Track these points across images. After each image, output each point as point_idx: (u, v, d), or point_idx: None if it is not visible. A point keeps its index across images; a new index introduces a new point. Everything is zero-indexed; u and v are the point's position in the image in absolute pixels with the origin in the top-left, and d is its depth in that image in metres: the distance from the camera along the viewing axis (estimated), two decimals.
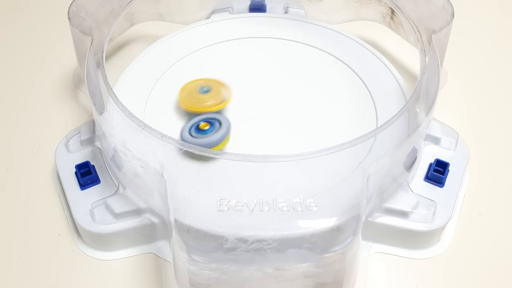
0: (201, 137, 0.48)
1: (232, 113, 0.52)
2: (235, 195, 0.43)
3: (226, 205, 0.42)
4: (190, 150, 0.43)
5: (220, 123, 0.49)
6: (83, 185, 0.49)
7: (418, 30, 0.51)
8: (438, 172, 0.49)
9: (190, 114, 0.51)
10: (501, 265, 0.48)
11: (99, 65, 0.49)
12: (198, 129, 0.49)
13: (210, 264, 0.41)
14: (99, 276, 0.47)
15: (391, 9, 0.57)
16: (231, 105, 0.53)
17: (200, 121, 0.49)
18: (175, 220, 0.42)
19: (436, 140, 0.51)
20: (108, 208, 0.47)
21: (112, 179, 0.49)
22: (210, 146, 0.48)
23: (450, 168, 0.49)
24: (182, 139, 0.49)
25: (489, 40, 0.64)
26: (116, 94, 0.46)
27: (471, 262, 0.48)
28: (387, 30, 0.59)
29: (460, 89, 0.59)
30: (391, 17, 0.58)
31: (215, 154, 0.43)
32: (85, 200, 0.48)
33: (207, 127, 0.49)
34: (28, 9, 0.68)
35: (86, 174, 0.49)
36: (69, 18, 0.52)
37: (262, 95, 0.53)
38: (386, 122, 0.44)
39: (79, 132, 0.52)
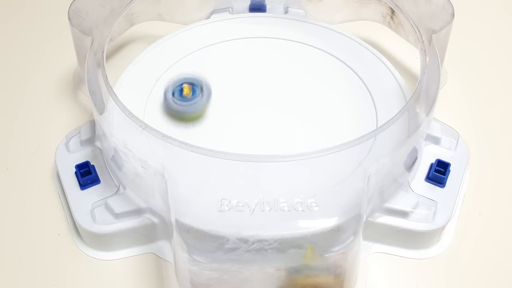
0: (185, 104, 0.50)
1: (232, 113, 0.52)
2: (236, 195, 0.43)
3: (227, 205, 0.42)
4: (191, 150, 0.43)
5: (201, 89, 0.51)
6: (83, 185, 0.49)
7: (419, 30, 0.51)
8: (439, 173, 0.49)
9: None
10: (501, 265, 0.48)
11: (99, 65, 0.49)
12: (181, 95, 0.50)
13: (211, 264, 0.41)
14: (99, 276, 0.47)
15: (391, 9, 0.57)
16: (231, 105, 0.53)
17: (182, 84, 0.51)
18: (176, 220, 0.42)
19: (436, 140, 0.51)
20: (108, 208, 0.47)
21: (113, 179, 0.49)
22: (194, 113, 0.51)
23: (450, 168, 0.49)
24: (167, 104, 0.51)
25: (490, 40, 0.64)
26: (117, 94, 0.46)
27: (471, 262, 0.48)
28: (387, 30, 0.59)
29: (460, 89, 0.59)
30: (391, 17, 0.58)
31: (216, 155, 0.43)
32: (85, 200, 0.48)
33: (190, 94, 0.50)
34: (28, 9, 0.67)
35: (86, 174, 0.49)
36: (69, 18, 0.52)
37: (262, 95, 0.53)
38: (386, 122, 0.45)
39: (79, 132, 0.52)
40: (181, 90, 0.51)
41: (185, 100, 0.50)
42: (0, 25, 0.66)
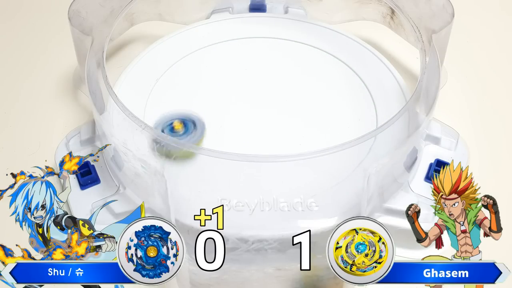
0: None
1: (232, 113, 0.52)
2: (236, 195, 0.43)
3: (227, 205, 0.42)
4: (191, 150, 0.43)
5: (194, 124, 0.49)
6: (83, 185, 0.49)
7: (419, 30, 0.51)
8: (438, 172, 0.49)
9: None
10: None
11: (99, 65, 0.49)
12: (173, 130, 0.48)
13: None
14: None
15: (391, 9, 0.57)
16: (231, 105, 0.53)
17: (174, 120, 0.49)
18: (176, 220, 0.42)
19: (436, 140, 0.51)
20: (108, 208, 0.47)
21: (113, 179, 0.49)
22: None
23: None
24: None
25: (489, 40, 0.64)
26: (117, 94, 0.46)
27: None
28: (387, 30, 0.59)
29: (460, 89, 0.59)
30: (391, 17, 0.58)
31: (216, 155, 0.43)
32: (85, 200, 0.48)
33: (182, 130, 0.48)
34: (28, 9, 0.67)
35: (86, 174, 0.49)
36: (69, 18, 0.52)
37: (262, 95, 0.53)
38: (386, 122, 0.45)
39: (79, 132, 0.52)
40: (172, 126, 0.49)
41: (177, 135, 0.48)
42: (0, 25, 0.66)
